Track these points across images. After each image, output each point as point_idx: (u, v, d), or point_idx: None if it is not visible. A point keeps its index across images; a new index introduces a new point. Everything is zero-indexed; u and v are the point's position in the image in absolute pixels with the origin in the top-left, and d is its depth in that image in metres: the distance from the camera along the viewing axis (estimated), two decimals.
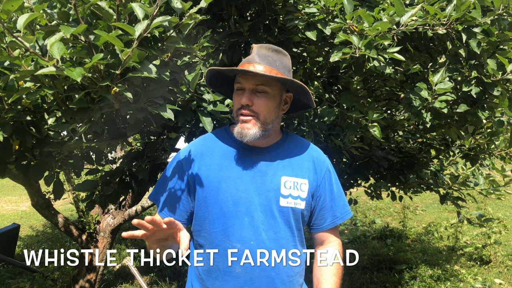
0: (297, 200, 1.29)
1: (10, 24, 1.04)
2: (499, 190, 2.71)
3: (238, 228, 1.24)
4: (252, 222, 1.24)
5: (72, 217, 6.09)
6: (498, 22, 1.65)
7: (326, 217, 1.36)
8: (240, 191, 1.26)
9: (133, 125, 1.47)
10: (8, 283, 3.84)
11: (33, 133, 1.36)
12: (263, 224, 1.25)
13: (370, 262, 4.41)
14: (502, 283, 3.89)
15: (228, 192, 1.26)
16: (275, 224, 1.26)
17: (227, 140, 1.34)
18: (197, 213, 1.30)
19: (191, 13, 1.23)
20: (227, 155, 1.31)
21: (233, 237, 1.24)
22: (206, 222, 1.28)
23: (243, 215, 1.25)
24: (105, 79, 1.11)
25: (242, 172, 1.28)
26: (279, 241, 1.26)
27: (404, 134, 2.90)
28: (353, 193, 3.51)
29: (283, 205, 1.27)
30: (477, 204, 5.95)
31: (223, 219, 1.25)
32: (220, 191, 1.26)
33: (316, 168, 1.35)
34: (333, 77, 2.17)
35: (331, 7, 1.61)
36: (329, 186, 1.36)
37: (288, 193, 1.28)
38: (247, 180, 1.27)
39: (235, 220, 1.25)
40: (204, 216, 1.28)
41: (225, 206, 1.25)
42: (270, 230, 1.25)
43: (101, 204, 1.92)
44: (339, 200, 1.38)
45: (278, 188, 1.28)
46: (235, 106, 1.26)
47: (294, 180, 1.30)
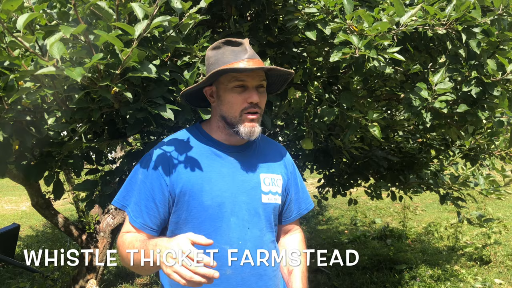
0: (275, 195, 1.31)
1: (10, 24, 1.04)
2: (499, 190, 2.71)
3: (226, 229, 1.21)
4: (238, 222, 1.23)
5: (72, 217, 6.09)
6: (498, 22, 1.65)
7: (293, 210, 1.41)
8: (224, 191, 1.23)
9: (133, 125, 1.47)
10: (8, 283, 3.84)
11: (33, 133, 1.36)
12: (248, 222, 1.24)
13: (370, 262, 4.41)
14: (502, 283, 3.89)
15: (213, 194, 1.21)
16: (259, 221, 1.27)
17: (202, 139, 1.29)
18: (178, 218, 1.23)
19: (191, 13, 1.23)
20: (205, 155, 1.25)
21: (221, 239, 1.20)
22: (188, 226, 1.21)
23: (229, 215, 1.22)
24: (105, 79, 1.11)
25: (223, 171, 1.25)
26: (263, 238, 1.27)
27: (404, 134, 2.90)
28: (353, 193, 3.50)
29: (265, 202, 1.28)
30: (477, 204, 5.94)
31: (209, 221, 1.21)
32: (203, 193, 1.21)
33: (286, 164, 1.39)
34: (333, 77, 2.17)
35: (331, 7, 1.61)
36: (295, 180, 1.41)
37: (268, 190, 1.29)
38: (228, 180, 1.24)
39: (221, 221, 1.21)
40: (187, 220, 1.22)
41: (211, 209, 1.21)
42: (255, 228, 1.25)
43: (101, 204, 1.92)
44: (303, 192, 1.44)
45: (259, 185, 1.28)
46: (238, 105, 1.21)
47: (271, 177, 1.31)
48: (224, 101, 1.23)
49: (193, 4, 1.26)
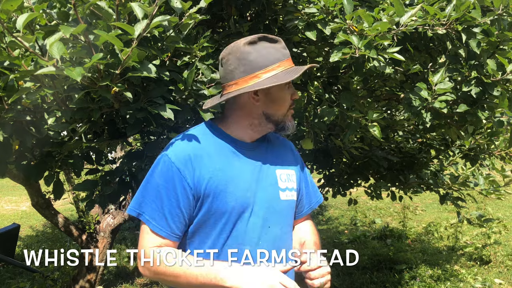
0: (292, 192, 1.29)
1: (10, 24, 1.04)
2: (499, 190, 2.71)
3: (247, 229, 1.17)
4: (259, 221, 1.19)
5: (72, 217, 6.09)
6: (498, 22, 1.65)
7: (304, 204, 1.38)
8: (246, 191, 1.18)
9: (133, 125, 1.47)
10: (8, 283, 3.84)
11: (33, 133, 1.36)
12: (269, 221, 1.21)
13: (370, 262, 4.41)
14: (502, 283, 3.89)
15: (236, 194, 1.16)
16: (279, 219, 1.24)
17: (218, 136, 1.23)
18: (199, 219, 1.16)
19: (190, 13, 1.23)
20: (224, 153, 1.20)
21: (242, 240, 1.17)
22: (210, 227, 1.16)
23: (251, 215, 1.18)
24: (104, 79, 1.11)
25: (243, 169, 1.20)
26: (283, 237, 1.25)
27: (404, 134, 2.90)
28: (353, 193, 3.50)
29: (283, 199, 1.25)
30: (477, 204, 5.94)
31: (232, 222, 1.16)
32: (227, 194, 1.15)
33: (296, 158, 1.37)
34: (333, 77, 2.17)
35: (331, 7, 1.61)
36: (305, 174, 1.39)
37: (285, 186, 1.27)
38: (248, 178, 1.20)
39: (243, 222, 1.17)
40: (208, 221, 1.16)
41: (234, 210, 1.16)
42: (276, 226, 1.22)
43: (101, 204, 1.92)
44: (312, 186, 1.41)
45: (276, 182, 1.25)
46: (287, 102, 1.22)
47: (286, 172, 1.29)
48: (275, 99, 1.21)
49: (193, 4, 1.26)
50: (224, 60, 1.20)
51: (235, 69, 1.17)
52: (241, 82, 1.16)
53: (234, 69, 1.17)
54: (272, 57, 1.17)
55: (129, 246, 5.11)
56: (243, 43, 1.18)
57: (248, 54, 1.16)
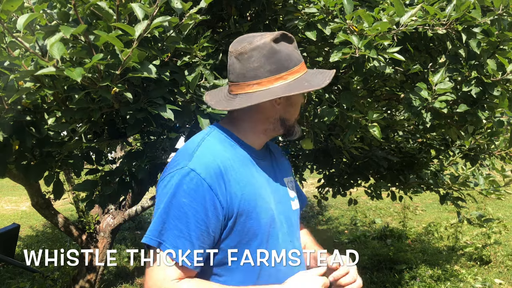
0: (295, 200, 1.22)
1: (10, 24, 1.04)
2: (499, 190, 2.71)
3: (277, 247, 1.06)
4: (283, 237, 1.09)
5: (72, 217, 6.09)
6: (498, 22, 1.65)
7: None
8: (270, 203, 1.06)
9: (133, 125, 1.47)
10: (8, 283, 3.84)
11: (33, 133, 1.36)
12: (289, 235, 1.12)
13: (370, 262, 4.41)
14: (502, 283, 3.89)
15: (266, 210, 1.04)
16: (295, 231, 1.17)
17: (236, 145, 1.08)
18: (229, 243, 1.02)
19: (191, 14, 1.24)
20: (246, 164, 1.06)
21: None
22: (242, 250, 1.02)
23: (277, 230, 1.07)
24: (105, 79, 1.11)
25: (262, 181, 1.08)
26: (299, 248, 1.18)
27: (404, 134, 2.90)
28: (353, 193, 3.50)
29: (294, 209, 1.18)
30: (477, 204, 5.94)
31: (265, 242, 1.04)
32: (259, 210, 1.02)
33: (288, 163, 1.32)
34: (333, 77, 2.17)
35: (331, 7, 1.61)
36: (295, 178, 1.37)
37: (293, 195, 1.20)
38: (268, 190, 1.08)
39: (273, 239, 1.06)
40: (240, 244, 1.02)
41: (265, 227, 1.03)
42: (294, 239, 1.14)
43: (101, 204, 1.93)
44: (299, 188, 1.34)
45: (287, 192, 1.17)
46: (299, 107, 1.16)
47: (289, 180, 1.23)
48: (294, 103, 1.12)
49: (193, 4, 1.26)
50: (246, 56, 1.04)
51: (260, 67, 1.03)
52: (265, 83, 1.04)
53: (259, 67, 1.03)
54: (295, 58, 1.08)
55: (129, 246, 5.11)
56: (270, 39, 1.04)
57: (276, 52, 1.04)
